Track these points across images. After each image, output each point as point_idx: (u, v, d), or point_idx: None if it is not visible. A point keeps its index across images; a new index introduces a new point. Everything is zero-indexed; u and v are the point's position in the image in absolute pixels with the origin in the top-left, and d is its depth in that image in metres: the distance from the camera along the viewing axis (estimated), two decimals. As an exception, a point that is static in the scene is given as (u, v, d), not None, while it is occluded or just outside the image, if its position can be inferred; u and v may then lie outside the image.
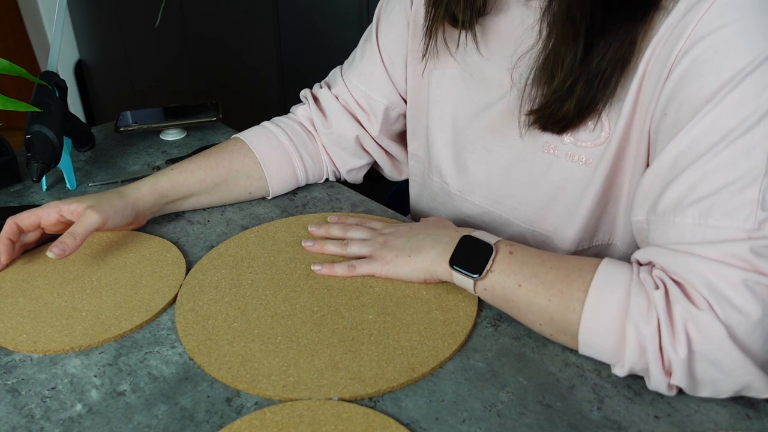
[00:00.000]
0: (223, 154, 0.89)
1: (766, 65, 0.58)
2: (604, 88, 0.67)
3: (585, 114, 0.69)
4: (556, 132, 0.73)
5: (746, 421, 0.58)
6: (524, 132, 0.75)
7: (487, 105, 0.80)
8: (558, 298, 0.62)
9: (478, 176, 0.84)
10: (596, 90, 0.67)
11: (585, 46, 0.65)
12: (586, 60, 0.66)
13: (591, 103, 0.68)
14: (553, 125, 0.72)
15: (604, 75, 0.66)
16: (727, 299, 0.55)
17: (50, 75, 0.96)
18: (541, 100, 0.71)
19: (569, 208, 0.76)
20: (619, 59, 0.65)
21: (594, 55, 0.65)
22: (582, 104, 0.68)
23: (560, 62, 0.67)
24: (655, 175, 0.63)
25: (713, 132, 0.58)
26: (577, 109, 0.68)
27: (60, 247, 0.73)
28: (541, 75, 0.69)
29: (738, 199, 0.57)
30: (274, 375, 0.63)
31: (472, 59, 0.80)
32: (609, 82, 0.66)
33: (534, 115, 0.72)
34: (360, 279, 0.75)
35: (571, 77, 0.67)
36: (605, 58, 0.65)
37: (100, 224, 0.77)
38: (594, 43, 0.65)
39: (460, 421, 0.59)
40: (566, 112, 0.69)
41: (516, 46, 0.74)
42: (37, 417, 0.60)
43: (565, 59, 0.66)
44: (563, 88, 0.68)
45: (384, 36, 0.90)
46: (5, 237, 0.76)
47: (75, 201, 0.79)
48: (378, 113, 0.91)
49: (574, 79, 0.67)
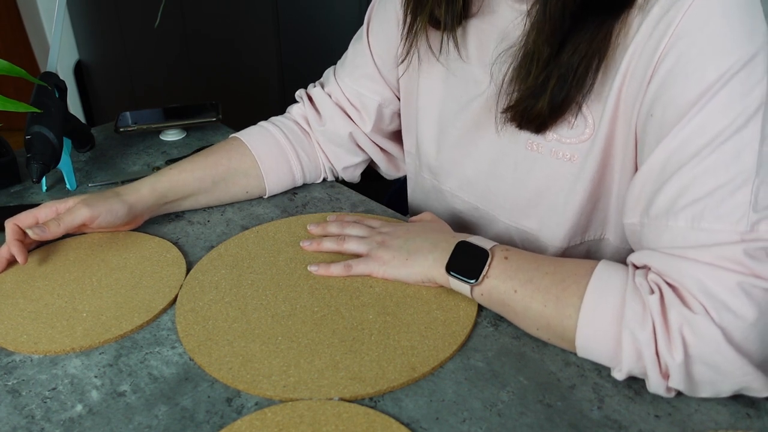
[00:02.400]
0: (221, 153, 0.90)
1: (751, 65, 0.57)
2: (578, 85, 0.66)
3: (558, 112, 0.69)
4: (532, 131, 0.73)
5: (747, 420, 0.58)
6: (500, 129, 0.75)
7: (468, 101, 0.80)
8: (554, 304, 0.62)
9: (465, 172, 0.84)
10: (569, 86, 0.66)
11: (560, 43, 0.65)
12: (559, 55, 0.65)
13: (564, 100, 0.68)
14: (528, 123, 0.72)
15: (578, 71, 0.65)
16: (723, 302, 0.55)
17: (50, 75, 0.96)
18: (516, 96, 0.71)
19: (555, 206, 0.76)
20: (592, 54, 0.65)
21: (565, 50, 0.65)
22: (555, 101, 0.68)
23: (537, 58, 0.67)
24: (645, 178, 0.62)
25: (701, 134, 0.58)
26: (550, 106, 0.68)
27: (42, 228, 0.75)
28: (519, 72, 0.69)
29: (730, 202, 0.57)
30: (274, 375, 0.63)
31: (455, 60, 0.81)
32: (583, 79, 0.66)
33: (509, 113, 0.72)
34: (360, 279, 0.75)
35: (543, 73, 0.67)
36: (576, 52, 0.65)
37: (88, 218, 0.78)
38: (566, 39, 0.65)
39: (461, 420, 0.59)
40: (540, 110, 0.69)
41: (497, 44, 0.74)
42: (37, 417, 0.60)
43: (542, 55, 0.66)
44: (536, 83, 0.67)
45: (375, 35, 0.90)
46: (13, 240, 0.76)
47: (72, 198, 0.80)
48: (370, 111, 0.92)
49: (547, 74, 0.66)
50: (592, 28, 0.64)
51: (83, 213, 0.78)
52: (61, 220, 0.76)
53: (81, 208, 0.78)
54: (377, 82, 0.91)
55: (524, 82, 0.69)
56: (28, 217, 0.78)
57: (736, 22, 0.58)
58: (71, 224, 0.77)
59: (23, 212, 0.78)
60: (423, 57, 0.84)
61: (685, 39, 0.59)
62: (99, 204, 0.79)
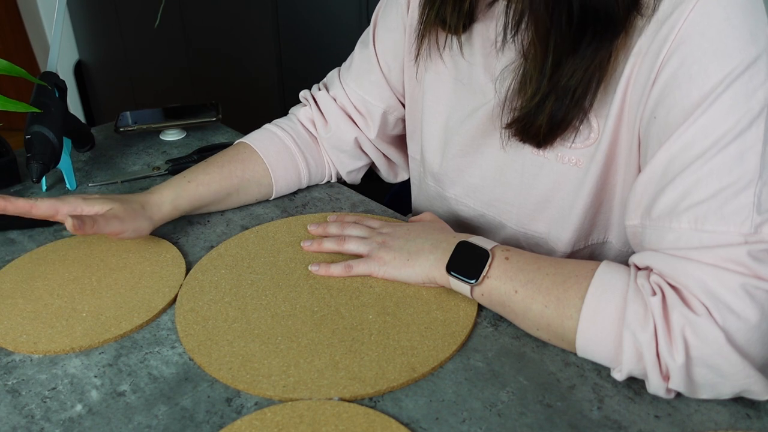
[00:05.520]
0: (235, 164, 0.89)
1: (754, 67, 0.57)
2: (577, 105, 0.67)
3: (558, 130, 0.69)
4: (534, 146, 0.73)
5: (747, 421, 0.58)
6: (505, 143, 0.76)
7: (475, 109, 0.80)
8: (555, 305, 0.62)
9: (471, 180, 0.84)
10: (567, 107, 0.67)
11: (553, 64, 0.65)
12: (554, 77, 0.66)
13: (564, 119, 0.68)
14: (530, 139, 0.72)
15: (575, 93, 0.66)
16: (726, 304, 0.55)
17: (50, 75, 0.96)
18: (517, 114, 0.71)
19: (562, 210, 0.76)
20: (591, 77, 0.65)
21: (563, 73, 0.65)
22: (554, 120, 0.68)
23: (529, 78, 0.67)
24: (648, 180, 0.62)
25: (705, 136, 0.58)
26: (549, 125, 0.69)
27: (80, 220, 0.71)
28: (520, 88, 0.70)
29: (733, 204, 0.57)
30: (274, 375, 0.63)
31: (462, 65, 0.80)
32: (582, 99, 0.66)
33: (512, 128, 0.73)
34: (360, 279, 0.75)
35: (539, 93, 0.67)
36: (574, 76, 0.65)
37: (117, 232, 0.76)
38: (562, 62, 0.65)
39: (461, 421, 0.59)
40: (539, 127, 0.69)
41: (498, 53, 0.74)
42: (37, 417, 0.60)
43: (533, 75, 0.66)
44: (532, 103, 0.68)
45: (381, 41, 0.90)
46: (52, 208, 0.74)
47: (99, 202, 0.77)
48: (375, 117, 0.92)
49: (543, 95, 0.67)
50: (588, 54, 0.64)
51: (114, 226, 0.75)
52: (96, 223, 0.73)
53: (113, 221, 0.75)
54: (383, 89, 0.91)
55: (523, 100, 0.69)
56: (48, 208, 0.75)
57: (738, 25, 0.58)
58: (100, 231, 0.74)
59: (45, 200, 0.75)
60: (430, 65, 0.84)
61: (688, 42, 0.59)
62: (128, 221, 0.77)
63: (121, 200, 0.79)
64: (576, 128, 0.70)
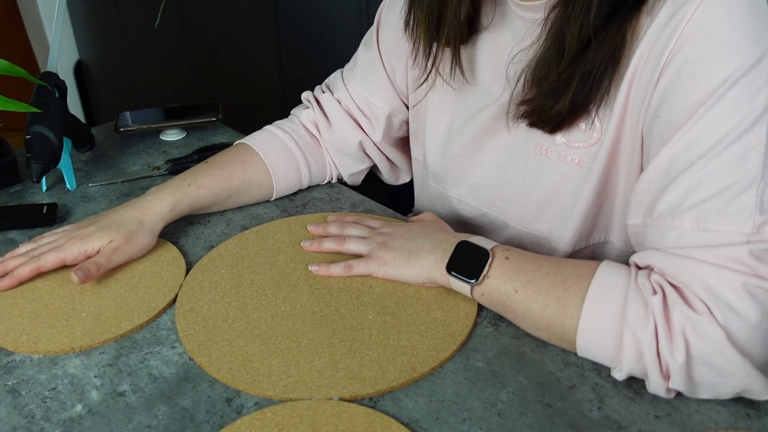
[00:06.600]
0: (236, 165, 0.88)
1: (758, 68, 0.57)
2: (598, 84, 0.66)
3: (578, 112, 0.69)
4: (547, 131, 0.72)
5: (747, 421, 0.58)
6: (511, 125, 0.75)
7: (480, 109, 0.80)
8: (555, 305, 0.62)
9: (474, 179, 0.84)
10: (591, 86, 0.66)
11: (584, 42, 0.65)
12: (585, 52, 0.65)
13: (585, 101, 0.68)
14: (545, 123, 0.71)
15: (599, 70, 0.65)
16: (727, 303, 0.55)
17: (50, 75, 0.96)
18: (535, 93, 0.70)
19: (564, 210, 0.76)
20: (612, 53, 0.65)
21: (591, 47, 0.65)
22: (576, 101, 0.68)
23: (560, 57, 0.66)
24: (650, 179, 0.62)
25: (708, 136, 0.58)
26: (571, 106, 0.68)
27: (84, 272, 0.72)
28: (538, 70, 0.69)
29: (736, 203, 0.57)
30: (274, 375, 0.63)
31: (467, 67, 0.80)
32: (603, 78, 0.66)
33: (525, 106, 0.72)
34: (360, 279, 0.75)
35: (568, 70, 0.66)
36: (600, 50, 0.65)
37: (122, 262, 0.77)
38: (591, 38, 0.65)
39: (461, 421, 0.59)
40: (560, 110, 0.69)
41: (512, 48, 0.74)
42: (37, 417, 0.60)
43: (566, 53, 0.66)
44: (559, 81, 0.67)
45: (385, 43, 0.89)
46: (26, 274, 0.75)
47: (96, 236, 0.77)
48: (380, 119, 0.91)
49: (571, 72, 0.66)
50: (615, 25, 0.64)
51: (117, 260, 0.76)
52: (99, 264, 0.74)
53: (115, 255, 0.76)
54: (387, 91, 0.91)
55: (545, 81, 0.68)
56: (54, 261, 0.75)
57: (742, 25, 0.58)
58: (108, 268, 0.75)
59: (49, 254, 0.75)
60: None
61: (691, 42, 0.59)
62: (129, 247, 0.77)
63: (117, 226, 0.78)
64: (584, 119, 0.69)
